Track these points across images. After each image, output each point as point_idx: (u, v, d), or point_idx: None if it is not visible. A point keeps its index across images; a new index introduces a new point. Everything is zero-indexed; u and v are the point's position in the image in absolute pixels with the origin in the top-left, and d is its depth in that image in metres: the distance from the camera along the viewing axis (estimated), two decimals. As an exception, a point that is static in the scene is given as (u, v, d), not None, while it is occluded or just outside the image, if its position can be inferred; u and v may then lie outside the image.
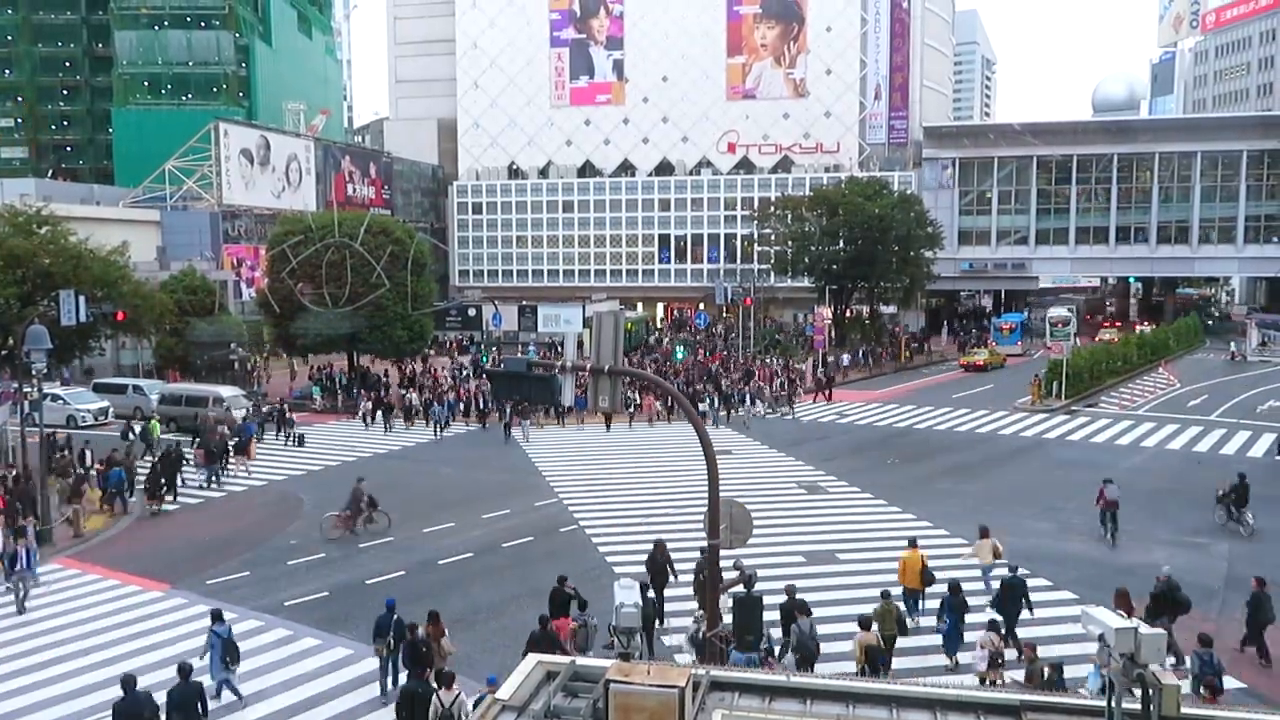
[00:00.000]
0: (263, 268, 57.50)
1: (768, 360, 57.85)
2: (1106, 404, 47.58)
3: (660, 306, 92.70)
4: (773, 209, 72.45)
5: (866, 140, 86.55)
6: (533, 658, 8.50)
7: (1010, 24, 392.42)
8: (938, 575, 19.41)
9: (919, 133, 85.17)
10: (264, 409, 42.76)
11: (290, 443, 38.72)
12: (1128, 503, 28.67)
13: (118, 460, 29.61)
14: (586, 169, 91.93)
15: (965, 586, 17.94)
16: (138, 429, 36.75)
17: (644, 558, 20.27)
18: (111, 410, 43.09)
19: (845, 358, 59.92)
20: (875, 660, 15.73)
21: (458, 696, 13.79)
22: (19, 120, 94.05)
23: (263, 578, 22.62)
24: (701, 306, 78.92)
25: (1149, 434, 39.47)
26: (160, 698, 14.02)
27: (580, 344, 20.81)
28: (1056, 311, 54.63)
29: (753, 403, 44.71)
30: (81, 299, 31.94)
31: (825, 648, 16.41)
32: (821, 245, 65.78)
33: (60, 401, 41.57)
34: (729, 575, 15.95)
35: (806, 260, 66.88)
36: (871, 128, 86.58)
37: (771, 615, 15.81)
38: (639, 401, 43.93)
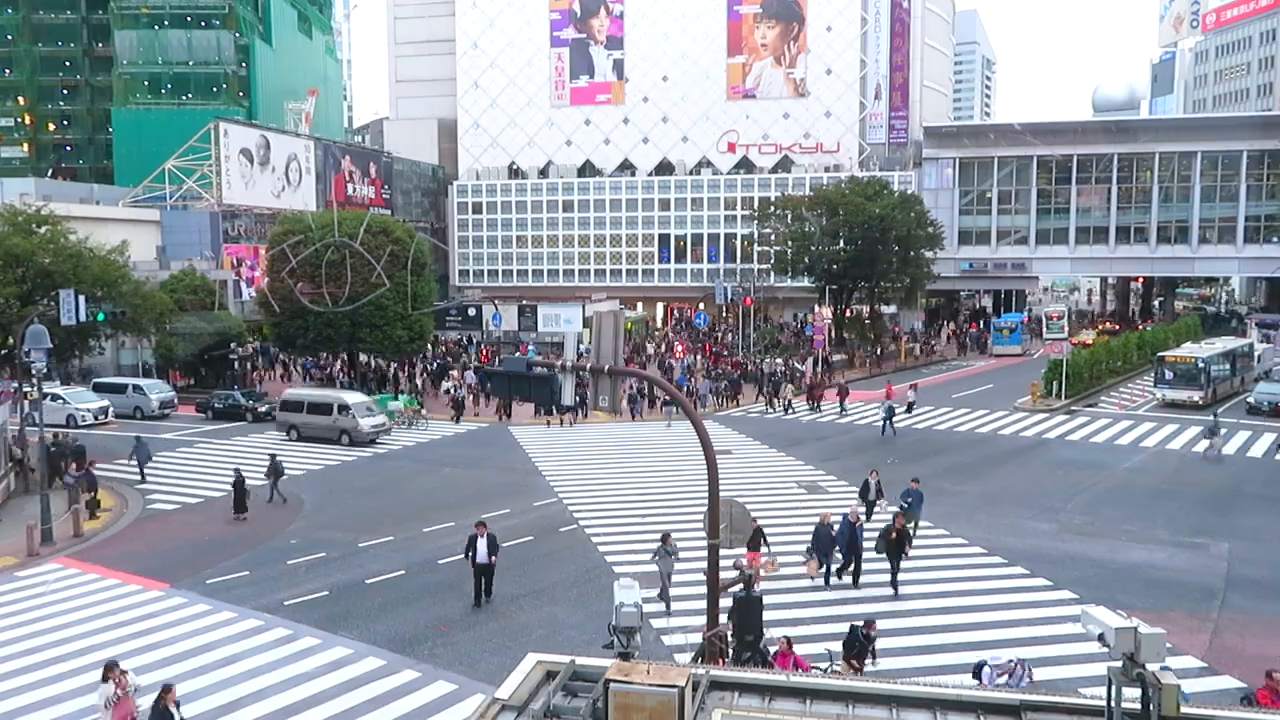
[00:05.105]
0: (263, 267, 57.46)
1: (769, 359, 57.80)
2: (1106, 404, 47.56)
3: (660, 306, 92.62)
4: (773, 209, 72.30)
5: (867, 140, 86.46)
6: (532, 657, 8.49)
7: (1010, 24, 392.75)
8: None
9: (919, 133, 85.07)
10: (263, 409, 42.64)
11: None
12: (1129, 502, 28.69)
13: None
14: (586, 169, 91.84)
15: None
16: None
17: (644, 557, 20.24)
18: (111, 410, 43.13)
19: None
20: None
21: None
22: (19, 120, 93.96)
23: (263, 577, 22.62)
24: (701, 306, 78.84)
25: (1149, 434, 39.48)
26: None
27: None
28: (1053, 307, 54.77)
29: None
30: (81, 299, 31.91)
31: (823, 647, 16.43)
32: (821, 245, 65.66)
33: (60, 401, 41.61)
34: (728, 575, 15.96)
35: (806, 260, 66.76)
36: (872, 128, 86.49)
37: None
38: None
